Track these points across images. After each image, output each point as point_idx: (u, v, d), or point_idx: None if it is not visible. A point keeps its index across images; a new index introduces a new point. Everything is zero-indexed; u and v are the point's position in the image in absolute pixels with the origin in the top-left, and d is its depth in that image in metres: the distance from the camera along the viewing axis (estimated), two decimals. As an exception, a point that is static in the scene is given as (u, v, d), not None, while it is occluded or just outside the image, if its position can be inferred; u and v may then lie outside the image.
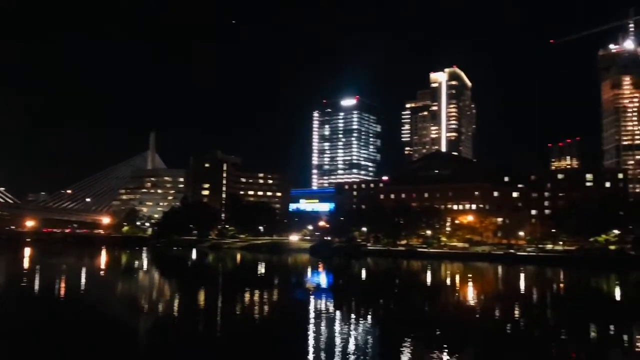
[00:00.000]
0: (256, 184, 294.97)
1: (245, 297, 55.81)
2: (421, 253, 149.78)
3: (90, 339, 32.36)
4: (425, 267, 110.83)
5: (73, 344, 30.82)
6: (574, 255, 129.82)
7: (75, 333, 33.83)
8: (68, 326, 36.27)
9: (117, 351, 29.42)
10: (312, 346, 31.94)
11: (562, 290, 76.55)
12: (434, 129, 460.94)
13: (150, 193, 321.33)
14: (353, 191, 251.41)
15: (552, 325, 44.54)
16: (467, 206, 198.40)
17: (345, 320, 41.78)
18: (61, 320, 38.94)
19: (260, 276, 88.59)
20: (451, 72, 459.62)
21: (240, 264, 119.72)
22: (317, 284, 76.68)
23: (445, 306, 54.83)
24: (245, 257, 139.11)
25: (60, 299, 51.29)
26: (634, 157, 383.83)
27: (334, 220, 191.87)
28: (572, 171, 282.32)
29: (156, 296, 58.11)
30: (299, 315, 44.70)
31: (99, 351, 29.28)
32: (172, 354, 29.54)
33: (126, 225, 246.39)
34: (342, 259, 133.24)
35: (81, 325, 36.70)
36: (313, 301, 55.35)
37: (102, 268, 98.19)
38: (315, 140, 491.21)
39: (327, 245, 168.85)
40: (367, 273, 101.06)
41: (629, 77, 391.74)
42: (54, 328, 35.47)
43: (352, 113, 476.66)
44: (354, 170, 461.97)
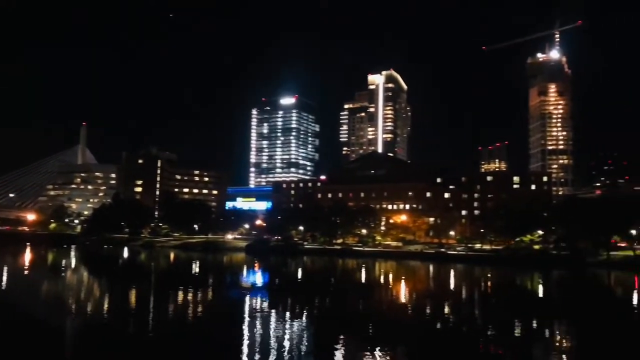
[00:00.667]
0: (192, 182, 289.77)
1: (178, 297, 54.77)
2: (356, 252, 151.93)
3: (12, 342, 30.80)
4: (360, 266, 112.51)
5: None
6: (500, 255, 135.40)
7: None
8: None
9: (41, 355, 28.18)
10: (247, 346, 31.80)
11: (490, 288, 79.80)
12: (371, 130, 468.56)
13: (80, 189, 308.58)
14: (291, 190, 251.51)
15: (480, 321, 46.37)
16: (401, 206, 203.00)
17: (281, 319, 41.83)
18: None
19: (195, 275, 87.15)
20: (388, 75, 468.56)
21: (174, 263, 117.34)
22: (252, 283, 76.30)
23: (378, 304, 55.92)
24: (179, 256, 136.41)
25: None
26: (557, 161, 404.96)
27: (271, 219, 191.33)
28: (500, 174, 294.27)
29: (84, 296, 55.99)
30: (234, 315, 44.34)
31: (22, 355, 27.95)
32: (99, 357, 28.60)
33: (53, 223, 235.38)
34: (279, 258, 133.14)
35: (2, 328, 34.88)
36: (249, 300, 55.04)
37: (25, 267, 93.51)
38: (254, 138, 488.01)
39: (263, 244, 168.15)
40: (303, 272, 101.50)
41: (555, 85, 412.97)
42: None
43: (291, 112, 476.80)
44: (292, 169, 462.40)
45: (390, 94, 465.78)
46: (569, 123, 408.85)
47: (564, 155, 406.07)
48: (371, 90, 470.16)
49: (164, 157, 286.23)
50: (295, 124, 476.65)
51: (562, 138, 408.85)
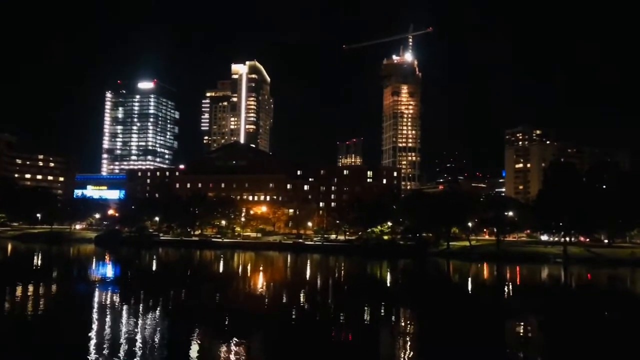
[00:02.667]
0: (35, 167, 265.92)
1: (16, 292, 50.24)
2: (215, 243, 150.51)
3: None
4: (218, 257, 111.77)
5: None
6: (353, 245, 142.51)
7: None
8: None
9: None
10: (94, 342, 30.23)
11: (342, 277, 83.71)
12: (233, 120, 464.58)
13: None
14: (147, 178, 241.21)
15: (333, 308, 48.55)
16: (261, 197, 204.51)
17: (132, 314, 40.28)
18: None
19: (36, 268, 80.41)
20: (252, 66, 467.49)
21: (12, 256, 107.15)
22: (102, 275, 72.33)
23: (235, 295, 56.11)
24: (18, 248, 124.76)
25: None
26: (407, 158, 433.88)
27: (125, 209, 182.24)
28: (355, 168, 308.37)
29: None
30: (80, 310, 41.80)
31: None
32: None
33: None
34: (132, 250, 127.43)
35: None
36: (97, 294, 52.16)
37: None
38: (107, 122, 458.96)
39: (115, 235, 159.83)
40: (157, 264, 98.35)
41: (407, 87, 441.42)
42: None
43: (149, 97, 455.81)
44: (149, 157, 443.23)
45: (254, 85, 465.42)
46: (417, 123, 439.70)
47: (412, 152, 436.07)
48: (234, 79, 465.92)
49: (3, 138, 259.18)
50: (154, 110, 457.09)
51: (411, 136, 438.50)
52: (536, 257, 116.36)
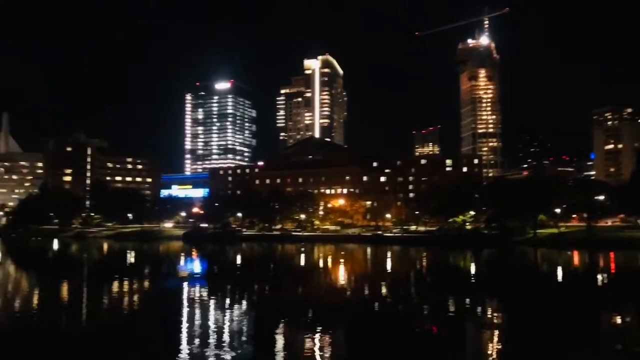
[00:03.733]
0: (124, 169, 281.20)
1: (113, 289, 53.29)
2: (295, 237, 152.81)
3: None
4: (299, 250, 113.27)
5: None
6: (434, 235, 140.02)
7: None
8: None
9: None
10: (186, 335, 31.45)
11: (424, 268, 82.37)
12: (308, 115, 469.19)
13: (4, 179, 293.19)
14: (228, 176, 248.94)
15: (416, 300, 47.85)
16: (338, 190, 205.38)
17: (220, 307, 41.57)
18: None
19: (130, 266, 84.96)
20: (324, 60, 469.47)
21: (108, 254, 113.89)
22: (190, 271, 75.24)
23: (317, 288, 56.57)
24: (113, 247, 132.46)
25: None
26: (487, 144, 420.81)
27: (208, 206, 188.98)
28: (433, 157, 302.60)
29: (11, 291, 53.44)
30: (171, 305, 43.65)
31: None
32: (30, 354, 27.50)
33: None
34: (217, 246, 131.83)
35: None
36: (187, 289, 54.31)
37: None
38: (189, 124, 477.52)
39: (200, 231, 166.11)
40: (242, 258, 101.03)
41: (484, 70, 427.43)
42: None
43: (226, 97, 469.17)
44: (229, 156, 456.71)
45: (327, 79, 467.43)
46: (497, 107, 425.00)
47: (493, 138, 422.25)
48: (307, 75, 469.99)
49: (94, 144, 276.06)
50: (232, 109, 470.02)
51: (491, 122, 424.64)
52: (632, 243, 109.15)
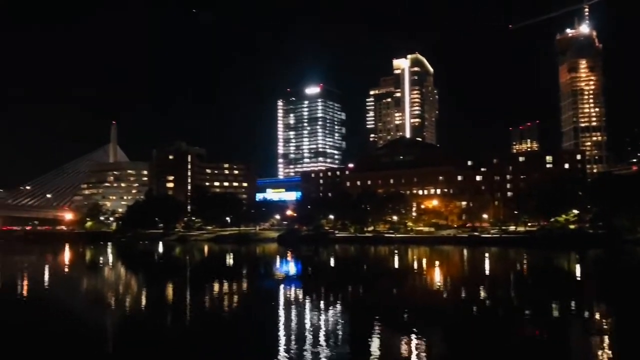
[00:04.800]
0: (222, 175, 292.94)
1: (214, 289, 55.54)
2: (388, 238, 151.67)
3: (57, 338, 31.70)
4: (392, 252, 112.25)
5: (40, 343, 30.16)
6: (535, 236, 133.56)
7: (40, 332, 33.09)
8: (32, 325, 35.42)
9: (86, 349, 28.93)
10: (283, 335, 32.09)
11: (525, 270, 78.69)
12: (398, 115, 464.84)
13: (114, 187, 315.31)
14: (319, 179, 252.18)
15: (517, 304, 45.78)
16: (431, 191, 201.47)
17: (315, 308, 42.05)
18: (25, 319, 38.00)
19: (229, 267, 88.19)
20: (413, 59, 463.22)
21: (208, 256, 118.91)
22: (286, 272, 76.81)
23: (412, 290, 55.71)
24: (213, 249, 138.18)
25: (22, 298, 50.00)
26: (590, 139, 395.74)
27: (301, 209, 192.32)
28: (532, 154, 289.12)
29: (123, 291, 57.26)
30: (269, 305, 44.75)
31: (68, 350, 28.74)
32: (141, 349, 29.22)
33: (89, 221, 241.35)
34: (310, 247, 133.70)
35: (47, 324, 35.91)
36: (282, 290, 55.48)
37: (66, 265, 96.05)
38: (280, 129, 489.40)
39: (294, 234, 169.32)
40: (335, 260, 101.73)
41: (585, 61, 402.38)
42: (19, 328, 34.59)
43: (316, 101, 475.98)
44: (320, 159, 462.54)
45: (417, 78, 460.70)
46: (601, 99, 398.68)
47: (597, 132, 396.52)
48: (397, 75, 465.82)
49: (193, 152, 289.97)
50: (321, 113, 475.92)
51: (594, 114, 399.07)
52: None
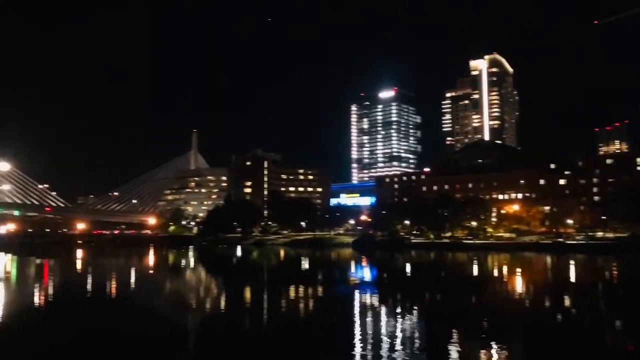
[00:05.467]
0: (297, 180, 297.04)
1: (290, 292, 56.20)
2: (466, 245, 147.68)
3: (144, 336, 33.15)
4: (471, 259, 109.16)
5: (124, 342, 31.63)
6: (626, 242, 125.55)
7: (129, 330, 34.71)
8: (122, 324, 37.26)
9: (170, 348, 30.05)
10: (359, 340, 31.88)
11: (615, 279, 74.04)
12: (476, 117, 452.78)
13: (195, 193, 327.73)
14: (394, 184, 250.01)
15: (606, 314, 43.10)
16: (512, 195, 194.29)
17: (391, 314, 41.53)
18: (115, 318, 40.04)
19: (304, 271, 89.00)
20: (491, 59, 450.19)
21: (284, 260, 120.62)
22: (361, 278, 76.52)
23: (493, 298, 53.83)
24: (289, 253, 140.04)
25: (112, 298, 52.78)
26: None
27: (376, 214, 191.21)
28: (621, 155, 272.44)
29: (204, 293, 59.21)
30: (344, 310, 44.68)
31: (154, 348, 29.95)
32: (220, 349, 29.97)
33: (172, 225, 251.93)
34: (385, 253, 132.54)
35: (134, 323, 37.66)
36: (358, 295, 55.26)
37: (150, 267, 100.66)
38: (354, 134, 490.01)
39: (369, 239, 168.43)
40: (411, 266, 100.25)
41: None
42: (110, 327, 36.49)
43: (390, 105, 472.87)
44: (394, 163, 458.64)
45: (495, 79, 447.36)
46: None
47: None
48: (474, 76, 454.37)
49: (269, 158, 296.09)
50: (396, 117, 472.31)
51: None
52: None
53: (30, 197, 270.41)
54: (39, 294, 55.71)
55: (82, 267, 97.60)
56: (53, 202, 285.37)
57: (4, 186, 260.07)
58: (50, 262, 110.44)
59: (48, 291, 58.38)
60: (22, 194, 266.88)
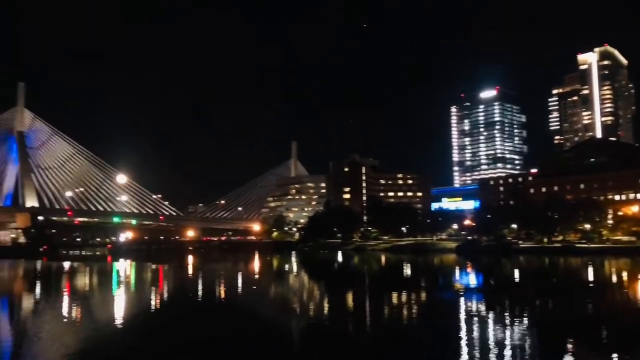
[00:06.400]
0: (395, 185, 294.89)
1: (392, 298, 55.70)
2: (580, 249, 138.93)
3: (253, 338, 34.27)
4: (585, 264, 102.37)
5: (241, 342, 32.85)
6: None
7: (239, 333, 36.05)
8: (233, 327, 38.79)
9: (275, 351, 30.81)
10: (466, 349, 30.86)
11: None
12: (586, 114, 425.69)
13: (295, 199, 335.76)
14: (499, 186, 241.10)
15: None
16: (630, 195, 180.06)
17: (500, 322, 39.83)
18: (226, 321, 41.77)
19: (407, 277, 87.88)
20: (602, 51, 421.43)
21: (385, 266, 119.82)
22: (466, 284, 74.18)
23: (612, 306, 49.99)
24: (390, 259, 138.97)
25: (222, 302, 55.12)
26: None
27: (480, 218, 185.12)
28: None
29: (308, 298, 60.22)
30: (449, 316, 43.53)
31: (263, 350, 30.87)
32: (324, 353, 30.26)
33: (275, 231, 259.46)
34: (491, 258, 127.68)
35: (244, 326, 39.06)
36: (463, 302, 53.61)
37: (256, 272, 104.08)
38: (455, 136, 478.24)
39: (474, 244, 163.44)
40: (519, 272, 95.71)
41: None
42: (222, 329, 38.12)
43: (492, 105, 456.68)
44: (499, 165, 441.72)
45: (607, 72, 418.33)
46: None
47: None
48: (583, 70, 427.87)
49: (366, 163, 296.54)
50: (499, 117, 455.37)
51: None
52: None
53: (146, 207, 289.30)
54: (155, 297, 59.46)
55: (193, 272, 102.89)
56: (166, 211, 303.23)
57: (123, 197, 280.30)
58: (164, 267, 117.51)
59: (163, 295, 62.17)
60: (139, 204, 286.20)
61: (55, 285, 75.84)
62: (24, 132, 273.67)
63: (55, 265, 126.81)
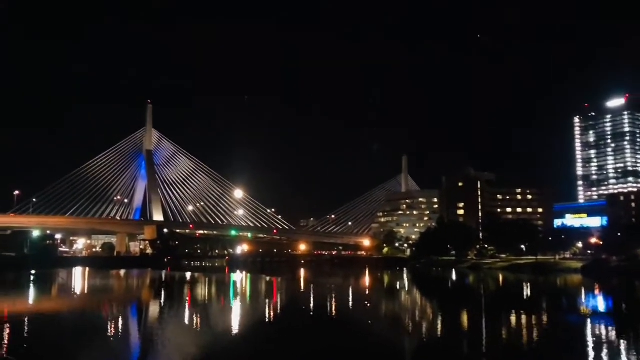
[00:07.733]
0: (514, 201, 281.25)
1: (511, 320, 52.85)
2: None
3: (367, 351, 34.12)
4: None
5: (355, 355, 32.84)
6: None
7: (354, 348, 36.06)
8: (343, 341, 38.91)
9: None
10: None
11: None
12: None
13: (406, 215, 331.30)
14: (630, 202, 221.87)
15: None
16: None
17: (633, 350, 36.29)
18: (335, 335, 42.00)
19: (527, 298, 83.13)
20: None
21: (503, 285, 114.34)
22: (593, 308, 68.63)
23: None
24: (508, 278, 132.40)
25: (333, 316, 55.50)
26: None
27: (609, 236, 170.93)
28: None
29: (421, 316, 58.91)
30: (574, 342, 40.42)
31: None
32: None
33: (386, 247, 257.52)
34: (623, 280, 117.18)
35: (354, 341, 39.03)
36: (590, 327, 49.61)
37: (367, 287, 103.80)
38: (579, 148, 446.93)
39: (602, 264, 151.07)
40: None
41: None
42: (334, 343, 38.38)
43: (621, 114, 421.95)
44: (630, 179, 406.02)
45: None
46: None
47: None
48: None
49: (482, 178, 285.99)
50: (629, 127, 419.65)
51: None
52: None
53: (260, 221, 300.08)
54: (269, 308, 61.27)
55: (305, 285, 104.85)
56: (279, 224, 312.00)
57: (239, 211, 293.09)
58: (278, 279, 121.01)
59: (277, 306, 63.89)
60: (254, 218, 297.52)
61: (179, 294, 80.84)
62: (151, 150, 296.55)
63: (178, 275, 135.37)
